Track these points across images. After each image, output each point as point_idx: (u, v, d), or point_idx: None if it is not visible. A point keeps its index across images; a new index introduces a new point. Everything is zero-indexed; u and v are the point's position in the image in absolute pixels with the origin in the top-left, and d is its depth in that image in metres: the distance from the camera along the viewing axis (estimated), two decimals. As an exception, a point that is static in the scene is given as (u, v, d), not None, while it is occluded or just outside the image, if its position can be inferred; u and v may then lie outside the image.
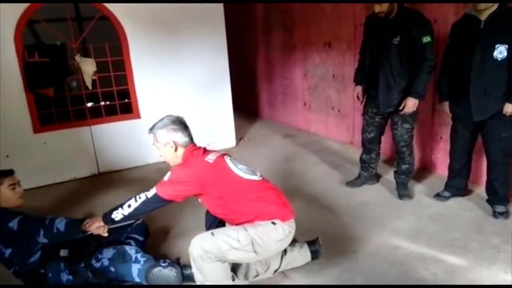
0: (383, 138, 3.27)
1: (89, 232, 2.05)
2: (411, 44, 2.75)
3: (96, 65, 3.83)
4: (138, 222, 2.47)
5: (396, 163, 3.17)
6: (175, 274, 2.12)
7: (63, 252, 2.17)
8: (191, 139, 2.08)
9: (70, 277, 2.09)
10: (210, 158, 2.02)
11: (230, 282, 1.95)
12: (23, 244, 2.09)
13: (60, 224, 2.03)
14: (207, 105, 4.48)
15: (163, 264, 2.14)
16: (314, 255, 2.23)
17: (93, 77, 3.86)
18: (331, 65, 4.60)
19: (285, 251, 2.16)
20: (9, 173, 2.21)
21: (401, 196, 3.12)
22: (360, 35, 3.34)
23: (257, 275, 2.16)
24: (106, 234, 2.08)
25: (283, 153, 4.46)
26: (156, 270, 2.10)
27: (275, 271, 2.19)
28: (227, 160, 2.05)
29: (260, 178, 2.06)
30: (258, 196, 1.99)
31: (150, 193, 1.94)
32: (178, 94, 4.28)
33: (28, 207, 2.27)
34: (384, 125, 3.17)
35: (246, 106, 6.51)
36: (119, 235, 2.37)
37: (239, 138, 4.97)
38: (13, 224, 2.00)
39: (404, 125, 2.96)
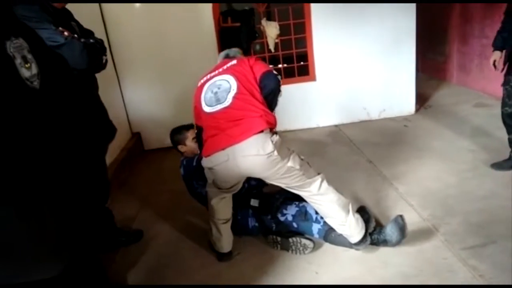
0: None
1: None
2: None
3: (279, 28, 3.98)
4: None
5: None
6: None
7: (253, 202, 2.39)
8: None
9: (256, 224, 2.35)
10: (203, 79, 2.14)
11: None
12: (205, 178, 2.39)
13: None
14: (386, 68, 4.18)
15: None
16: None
17: (276, 40, 4.03)
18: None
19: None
20: (191, 126, 2.51)
21: None
22: None
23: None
24: None
25: (472, 125, 3.86)
26: (336, 233, 2.14)
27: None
28: (205, 86, 2.09)
29: (223, 106, 1.96)
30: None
31: None
32: (356, 56, 4.12)
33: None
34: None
35: (431, 69, 5.83)
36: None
37: (420, 104, 4.52)
38: (194, 162, 2.37)
39: None
